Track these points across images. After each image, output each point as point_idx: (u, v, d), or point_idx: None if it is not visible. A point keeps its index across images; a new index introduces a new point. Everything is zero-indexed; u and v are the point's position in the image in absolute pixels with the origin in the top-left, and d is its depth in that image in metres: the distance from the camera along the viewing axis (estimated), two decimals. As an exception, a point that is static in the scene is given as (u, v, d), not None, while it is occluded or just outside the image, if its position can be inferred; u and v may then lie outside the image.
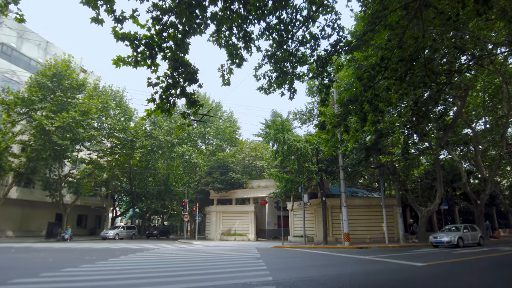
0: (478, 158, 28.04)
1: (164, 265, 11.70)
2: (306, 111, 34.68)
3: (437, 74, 12.50)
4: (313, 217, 27.78)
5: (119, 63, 6.16)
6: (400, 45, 8.26)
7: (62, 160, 32.37)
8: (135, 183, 45.59)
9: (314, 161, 24.90)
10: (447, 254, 15.18)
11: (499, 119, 27.35)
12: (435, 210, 24.31)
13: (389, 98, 10.23)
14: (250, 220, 33.09)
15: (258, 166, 39.60)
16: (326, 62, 8.34)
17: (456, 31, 10.12)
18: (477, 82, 25.29)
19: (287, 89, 9.05)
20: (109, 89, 37.28)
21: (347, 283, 7.61)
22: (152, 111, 6.47)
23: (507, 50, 15.39)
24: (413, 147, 20.38)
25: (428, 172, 33.85)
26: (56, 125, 28.06)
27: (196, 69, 6.41)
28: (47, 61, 30.96)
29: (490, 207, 34.28)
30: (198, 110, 6.69)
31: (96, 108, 31.91)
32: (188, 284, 7.61)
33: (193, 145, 43.98)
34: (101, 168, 37.58)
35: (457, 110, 21.90)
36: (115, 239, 34.30)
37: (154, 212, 52.91)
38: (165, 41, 6.21)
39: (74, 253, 16.59)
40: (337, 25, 7.97)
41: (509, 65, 23.85)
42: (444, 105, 19.86)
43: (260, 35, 7.62)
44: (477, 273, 9.52)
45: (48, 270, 10.00)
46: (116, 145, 38.72)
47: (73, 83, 31.19)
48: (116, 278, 8.62)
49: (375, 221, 25.87)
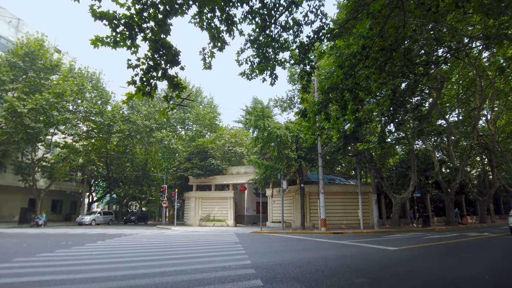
0: (450, 149, 29.14)
1: (142, 250, 11.66)
2: (287, 98, 34.80)
3: (415, 65, 12.79)
4: (292, 203, 28.25)
5: (97, 43, 5.95)
6: (381, 34, 8.37)
7: (35, 144, 31.26)
8: (112, 168, 44.75)
9: (293, 149, 25.17)
10: (418, 239, 15.86)
11: (472, 111, 28.41)
12: (408, 198, 25.21)
13: (369, 87, 10.41)
14: (229, 206, 33.27)
15: (238, 152, 39.65)
16: (309, 49, 8.36)
17: (435, 23, 10.33)
18: (452, 74, 26.09)
19: (269, 75, 9.03)
20: (85, 71, 35.94)
21: (323, 266, 7.84)
22: (133, 94, 6.31)
23: (482, 44, 15.87)
24: (389, 136, 20.91)
25: (403, 161, 34.96)
26: (28, 107, 26.96)
27: (178, 51, 6.27)
28: (19, 40, 29.50)
29: (459, 195, 35.87)
30: (180, 93, 6.57)
31: (72, 90, 30.77)
32: (167, 268, 7.62)
33: (173, 130, 43.43)
34: (76, 152, 36.56)
35: (432, 101, 22.55)
36: (91, 224, 33.76)
37: (132, 197, 52.39)
38: (146, 21, 6.02)
39: (49, 239, 16.23)
40: (320, 11, 7.96)
41: (483, 59, 24.68)
42: (420, 96, 20.39)
43: (243, 18, 7.52)
44: (445, 256, 10.01)
45: (21, 255, 9.76)
46: (92, 129, 37.72)
47: (46, 63, 29.91)
48: (93, 263, 8.53)
49: (351, 207, 26.61)
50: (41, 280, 6.32)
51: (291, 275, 6.70)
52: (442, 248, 12.27)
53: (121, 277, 6.54)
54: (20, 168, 30.80)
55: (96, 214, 36.39)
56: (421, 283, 6.27)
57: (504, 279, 6.78)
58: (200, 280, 6.28)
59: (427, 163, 32.21)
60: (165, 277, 6.57)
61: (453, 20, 14.24)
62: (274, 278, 6.44)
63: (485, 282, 6.41)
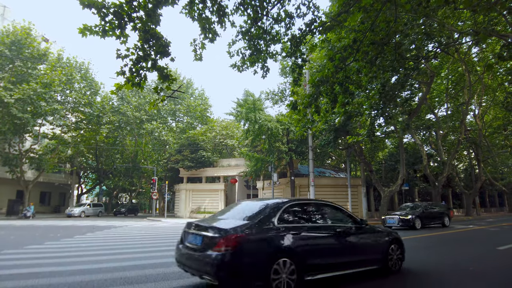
0: (438, 143, 29.60)
1: (133, 242, 11.65)
2: (278, 91, 34.81)
3: (406, 59, 12.90)
4: (282, 195, 28.43)
5: (85, 32, 5.83)
6: (372, 28, 8.40)
7: (23, 135, 30.68)
8: (102, 160, 44.30)
9: (284, 141, 25.25)
10: (406, 231, 16.16)
11: (460, 106, 28.84)
12: (397, 191, 25.60)
13: (359, 81, 10.47)
14: (220, 198, 33.32)
15: (229, 145, 39.60)
16: (300, 42, 8.35)
17: (426, 17, 10.40)
18: (442, 69, 26.40)
19: (260, 67, 8.99)
20: (74, 61, 35.22)
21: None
22: (122, 85, 6.22)
23: (471, 40, 16.05)
24: (378, 130, 21.15)
25: (392, 155, 35.41)
26: (15, 97, 26.41)
27: (168, 41, 6.19)
28: (5, 28, 28.71)
29: (446, 188, 36.55)
30: (171, 85, 6.52)
31: (60, 80, 30.18)
32: (158, 260, 7.65)
33: (163, 122, 43.10)
34: (65, 143, 36.03)
35: (422, 96, 22.81)
36: (81, 216, 33.51)
37: (122, 189, 52.05)
38: (136, 10, 5.91)
39: (38, 231, 16.09)
40: (312, 4, 7.93)
41: (472, 54, 25.00)
42: (410, 90, 20.60)
43: (235, 10, 7.44)
44: (433, 247, 10.24)
45: (9, 247, 9.68)
46: (81, 120, 37.19)
47: (34, 52, 29.24)
48: (82, 255, 8.50)
49: (341, 200, 26.86)
50: (30, 272, 6.28)
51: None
52: (429, 239, 12.53)
53: (110, 269, 6.55)
54: (7, 159, 30.24)
55: (86, 206, 36.11)
56: (410, 272, 6.40)
57: (487, 270, 6.97)
58: (190, 271, 6.32)
59: (415, 157, 32.70)
60: (155, 268, 6.60)
61: (444, 15, 14.36)
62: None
63: (469, 273, 6.59)
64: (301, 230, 5.08)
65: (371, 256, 6.03)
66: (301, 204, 5.70)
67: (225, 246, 4.26)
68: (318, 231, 5.37)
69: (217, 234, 4.48)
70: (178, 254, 5.19)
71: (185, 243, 5.15)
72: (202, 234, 4.76)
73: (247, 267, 4.38)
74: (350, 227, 5.85)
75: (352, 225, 5.94)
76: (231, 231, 4.43)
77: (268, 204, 5.24)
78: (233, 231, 4.42)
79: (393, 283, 5.84)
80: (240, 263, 4.33)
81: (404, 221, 17.26)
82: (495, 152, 35.18)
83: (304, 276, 4.78)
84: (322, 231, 5.42)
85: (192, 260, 4.72)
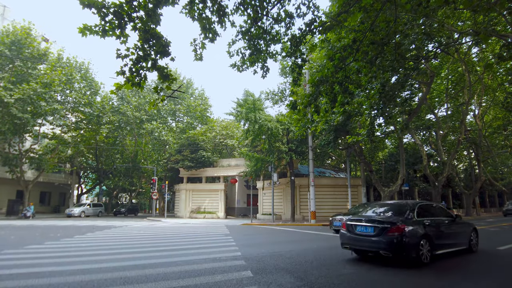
0: (438, 143, 29.58)
1: (132, 242, 11.64)
2: (278, 91, 34.81)
3: (406, 59, 12.89)
4: (282, 195, 28.44)
5: (85, 32, 5.83)
6: (372, 28, 8.39)
7: (23, 135, 30.63)
8: (102, 160, 44.29)
9: (284, 141, 25.25)
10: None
11: (460, 106, 28.83)
12: (397, 191, 25.58)
13: (359, 81, 10.46)
14: (219, 198, 33.33)
15: (229, 145, 39.60)
16: (300, 42, 8.35)
17: (426, 17, 10.39)
18: (442, 69, 26.38)
19: (260, 67, 8.99)
20: (74, 61, 35.19)
21: (312, 257, 7.96)
22: (122, 84, 6.22)
23: (471, 40, 16.04)
24: (378, 130, 21.14)
25: (392, 155, 35.40)
26: (15, 97, 26.39)
27: (168, 41, 6.19)
28: (5, 28, 28.69)
29: (446, 188, 36.53)
30: (171, 85, 6.52)
31: (60, 80, 30.15)
32: (158, 260, 7.64)
33: (163, 122, 43.08)
34: (65, 143, 35.99)
35: (422, 96, 22.79)
36: (80, 216, 33.49)
37: (122, 189, 52.03)
38: (136, 10, 5.91)
39: (38, 231, 16.08)
40: (312, 4, 7.93)
41: (472, 54, 24.99)
42: (410, 90, 20.59)
43: (235, 9, 7.44)
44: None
45: (10, 247, 9.68)
46: (81, 120, 37.17)
47: (34, 52, 29.22)
48: (82, 255, 8.50)
49: (341, 200, 26.92)
50: (30, 272, 6.28)
51: (281, 266, 6.79)
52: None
53: (110, 269, 6.54)
54: (7, 159, 30.22)
55: (86, 206, 36.08)
56: (409, 271, 6.41)
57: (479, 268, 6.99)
58: (191, 271, 6.32)
59: (415, 157, 32.69)
60: (155, 268, 6.60)
61: (444, 15, 14.35)
62: (264, 269, 6.52)
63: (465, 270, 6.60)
64: (429, 221, 7.64)
65: (462, 240, 8.65)
66: (423, 204, 8.24)
67: (396, 232, 6.84)
68: (438, 222, 7.95)
69: (387, 225, 7.02)
70: (348, 240, 7.75)
71: (355, 231, 7.62)
72: (373, 225, 7.27)
73: (407, 244, 6.81)
74: (452, 220, 8.47)
75: (451, 218, 8.52)
76: (397, 223, 6.98)
77: (407, 204, 7.96)
78: (400, 223, 7.00)
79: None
80: (404, 242, 6.78)
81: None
82: (495, 152, 35.18)
83: (433, 251, 7.39)
84: (440, 222, 8.02)
85: (368, 242, 7.24)
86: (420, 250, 6.96)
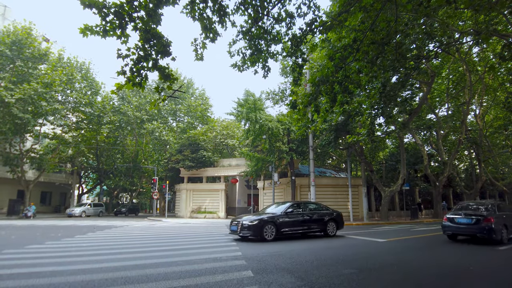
0: (439, 143, 29.56)
1: (133, 241, 11.64)
2: (279, 91, 34.79)
3: (406, 59, 12.87)
4: (283, 195, 28.43)
5: (86, 32, 5.84)
6: (372, 28, 8.39)
7: (24, 135, 30.67)
8: (103, 160, 44.34)
9: (285, 141, 25.24)
10: (406, 231, 16.16)
11: (461, 106, 28.80)
12: (397, 190, 25.59)
13: (359, 80, 10.46)
14: (220, 198, 33.33)
15: (230, 144, 39.60)
16: (301, 41, 8.34)
17: (427, 17, 10.38)
18: (443, 69, 26.36)
19: (261, 67, 8.99)
20: (75, 61, 35.24)
21: (313, 257, 7.95)
22: (123, 84, 6.23)
23: (472, 40, 16.02)
24: (379, 130, 21.14)
25: (392, 155, 35.36)
26: (16, 97, 26.43)
27: (169, 41, 6.20)
28: (5, 28, 28.73)
29: (447, 188, 36.52)
30: (172, 85, 6.52)
31: (60, 80, 30.19)
32: (158, 259, 7.64)
33: (164, 122, 43.11)
34: (66, 143, 36.03)
35: (422, 96, 22.77)
36: (81, 216, 33.53)
37: (123, 189, 52.01)
38: (136, 10, 5.92)
39: (38, 230, 16.09)
40: (313, 3, 7.92)
41: (473, 54, 24.97)
42: (411, 90, 20.58)
43: (236, 9, 7.44)
44: (433, 247, 10.23)
45: (10, 247, 9.68)
46: (82, 120, 37.20)
47: (34, 52, 29.26)
48: (83, 254, 8.50)
49: (341, 200, 26.90)
50: (31, 272, 6.28)
51: (282, 266, 6.78)
52: (430, 239, 12.53)
53: (111, 269, 6.54)
54: (8, 159, 30.26)
55: (86, 206, 36.11)
56: (409, 273, 6.41)
57: (486, 270, 6.97)
58: (191, 271, 6.32)
59: (416, 157, 32.65)
60: (156, 268, 6.60)
61: (445, 15, 14.33)
62: (264, 269, 6.52)
63: (469, 272, 6.59)
64: (505, 214, 11.34)
65: None
66: (500, 203, 11.93)
67: (490, 221, 10.38)
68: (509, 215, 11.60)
69: (483, 217, 10.53)
70: (452, 228, 11.29)
71: (457, 221, 11.13)
72: (471, 217, 10.80)
73: (497, 230, 10.42)
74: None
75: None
76: (488, 216, 10.54)
77: (486, 203, 11.94)
78: (490, 215, 10.57)
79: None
80: (494, 228, 10.34)
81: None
82: (496, 152, 35.13)
83: (509, 235, 11.20)
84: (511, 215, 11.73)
85: (469, 229, 10.81)
86: (502, 234, 10.66)
